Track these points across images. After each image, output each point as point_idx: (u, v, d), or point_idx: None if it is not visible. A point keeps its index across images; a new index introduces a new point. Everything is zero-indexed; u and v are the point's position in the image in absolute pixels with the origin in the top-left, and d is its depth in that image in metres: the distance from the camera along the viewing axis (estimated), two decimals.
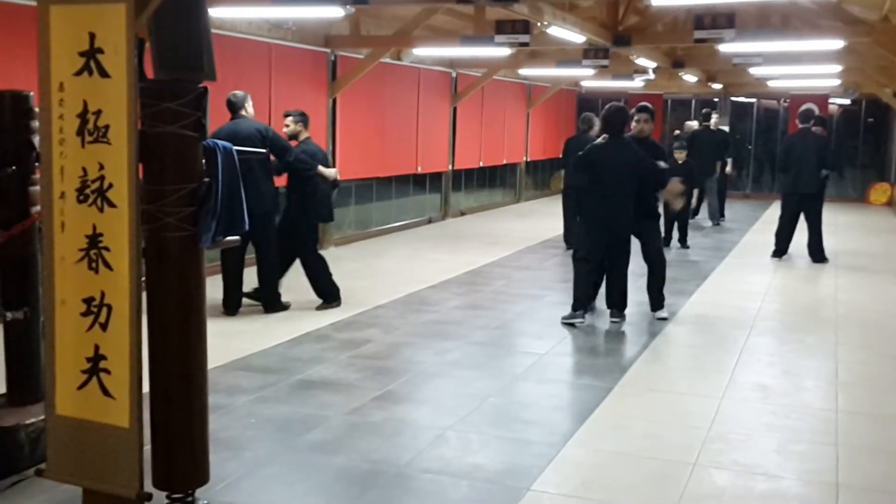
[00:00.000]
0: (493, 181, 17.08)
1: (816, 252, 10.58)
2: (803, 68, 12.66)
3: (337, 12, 7.46)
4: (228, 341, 6.29)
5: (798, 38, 9.42)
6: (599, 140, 7.11)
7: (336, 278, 7.59)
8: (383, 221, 12.87)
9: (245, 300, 7.40)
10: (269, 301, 7.36)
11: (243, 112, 7.12)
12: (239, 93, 7.21)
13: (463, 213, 15.23)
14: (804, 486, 4.06)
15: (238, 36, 9.12)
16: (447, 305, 7.82)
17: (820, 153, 10.39)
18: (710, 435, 4.69)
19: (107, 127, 2.98)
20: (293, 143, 7.39)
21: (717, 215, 14.28)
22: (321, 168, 7.34)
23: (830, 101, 18.27)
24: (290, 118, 7.47)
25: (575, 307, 7.14)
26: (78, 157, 3.03)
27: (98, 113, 2.98)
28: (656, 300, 7.46)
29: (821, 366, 6.16)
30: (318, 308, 7.44)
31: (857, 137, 19.33)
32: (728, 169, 14.30)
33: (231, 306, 7.26)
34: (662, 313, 7.41)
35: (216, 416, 4.69)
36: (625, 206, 6.88)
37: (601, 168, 6.85)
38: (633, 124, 7.36)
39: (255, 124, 7.10)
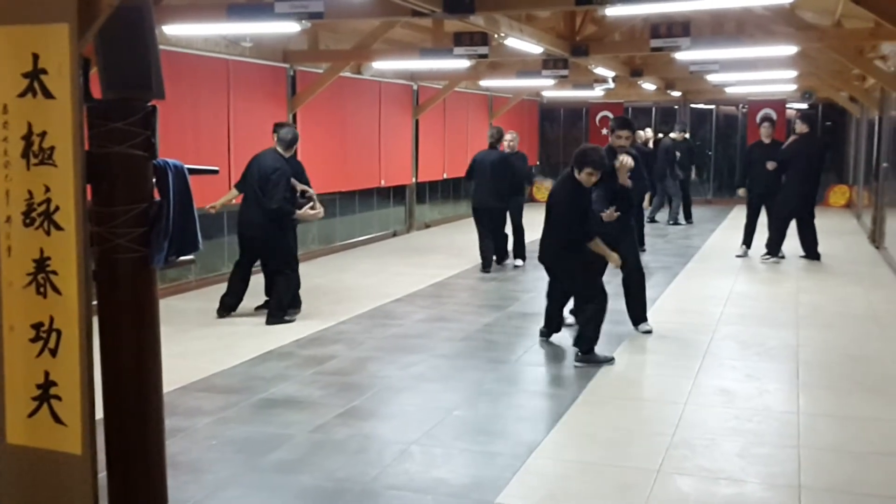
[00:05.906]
0: (458, 193, 17.08)
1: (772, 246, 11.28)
2: (759, 74, 12.82)
3: (293, 27, 7.42)
4: (190, 362, 6.21)
5: (753, 45, 9.54)
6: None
7: (301, 294, 7.55)
8: (347, 236, 12.81)
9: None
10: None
11: (284, 151, 7.65)
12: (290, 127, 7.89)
13: (428, 226, 15.22)
14: (767, 490, 4.09)
15: (194, 53, 9.05)
16: (412, 319, 7.79)
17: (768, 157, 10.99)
18: (674, 441, 4.70)
19: (52, 149, 2.92)
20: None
21: (676, 217, 15.46)
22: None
23: (788, 105, 18.53)
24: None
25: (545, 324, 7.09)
26: (23, 179, 2.97)
27: (43, 135, 2.92)
28: (638, 315, 7.29)
29: (783, 368, 6.22)
30: (267, 320, 7.59)
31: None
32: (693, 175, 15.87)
33: (228, 308, 7.77)
34: (646, 326, 7.27)
35: (176, 439, 4.62)
36: (550, 236, 6.58)
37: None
38: (615, 139, 7.11)
39: (274, 160, 7.52)
